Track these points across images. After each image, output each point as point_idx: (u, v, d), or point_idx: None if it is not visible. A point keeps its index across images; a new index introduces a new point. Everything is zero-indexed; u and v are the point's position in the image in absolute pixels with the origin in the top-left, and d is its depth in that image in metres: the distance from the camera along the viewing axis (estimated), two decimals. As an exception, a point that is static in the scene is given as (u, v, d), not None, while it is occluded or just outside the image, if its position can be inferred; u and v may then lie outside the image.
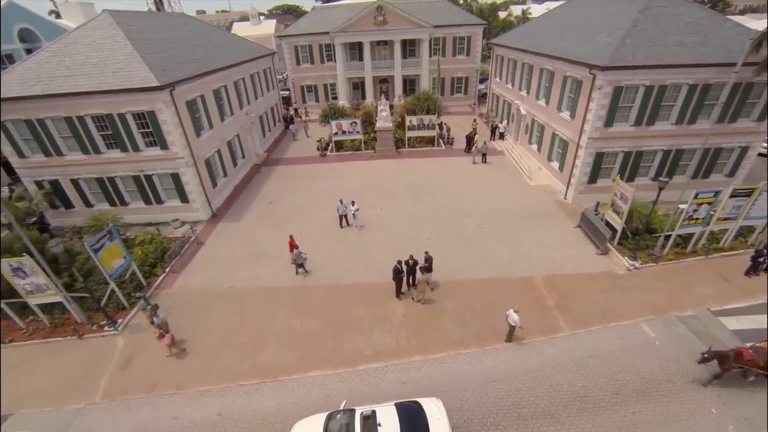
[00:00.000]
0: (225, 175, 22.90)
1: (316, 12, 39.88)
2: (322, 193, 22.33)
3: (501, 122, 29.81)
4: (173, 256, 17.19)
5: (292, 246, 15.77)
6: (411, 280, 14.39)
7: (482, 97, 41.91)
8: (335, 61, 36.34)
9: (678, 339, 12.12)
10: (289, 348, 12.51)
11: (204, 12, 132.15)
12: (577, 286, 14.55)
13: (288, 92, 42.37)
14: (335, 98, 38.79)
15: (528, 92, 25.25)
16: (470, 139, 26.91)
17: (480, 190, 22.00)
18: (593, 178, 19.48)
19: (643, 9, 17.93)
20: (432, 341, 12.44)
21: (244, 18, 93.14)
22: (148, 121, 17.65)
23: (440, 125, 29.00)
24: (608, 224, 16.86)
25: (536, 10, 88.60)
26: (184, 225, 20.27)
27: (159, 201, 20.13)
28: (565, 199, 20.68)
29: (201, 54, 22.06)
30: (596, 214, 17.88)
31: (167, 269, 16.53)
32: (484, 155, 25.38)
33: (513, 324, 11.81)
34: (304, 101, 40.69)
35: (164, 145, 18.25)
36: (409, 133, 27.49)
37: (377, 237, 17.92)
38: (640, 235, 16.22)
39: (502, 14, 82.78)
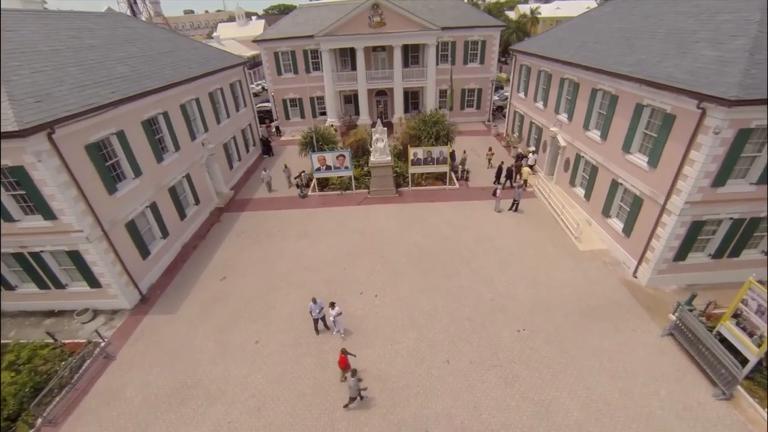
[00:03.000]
0: (164, 235, 16.77)
1: (300, 12, 33.54)
2: (295, 264, 16.26)
3: (531, 152, 23.47)
4: (57, 390, 11.12)
5: (344, 363, 10.41)
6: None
7: (496, 110, 35.84)
8: (322, 71, 30.15)
9: None
10: None
11: (192, 12, 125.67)
12: (707, 481, 8.56)
13: (269, 103, 36.22)
14: (323, 113, 32.66)
15: (570, 118, 19.17)
16: (510, 173, 21.23)
17: (514, 261, 15.75)
18: (683, 254, 13.45)
19: (769, 7, 11.86)
20: None
21: (233, 19, 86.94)
22: (17, 180, 11.60)
23: (452, 155, 22.84)
24: (722, 339, 10.92)
25: (545, 10, 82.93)
26: (97, 317, 14.33)
27: (59, 285, 14.08)
28: (635, 277, 14.64)
29: (125, 70, 15.89)
30: (690, 310, 11.91)
31: (38, 422, 10.49)
32: (515, 203, 19.18)
33: None
34: (287, 117, 34.54)
35: (49, 215, 12.19)
36: (412, 169, 21.27)
37: (368, 357, 11.78)
38: (783, 367, 10.29)
39: (509, 14, 77.16)
